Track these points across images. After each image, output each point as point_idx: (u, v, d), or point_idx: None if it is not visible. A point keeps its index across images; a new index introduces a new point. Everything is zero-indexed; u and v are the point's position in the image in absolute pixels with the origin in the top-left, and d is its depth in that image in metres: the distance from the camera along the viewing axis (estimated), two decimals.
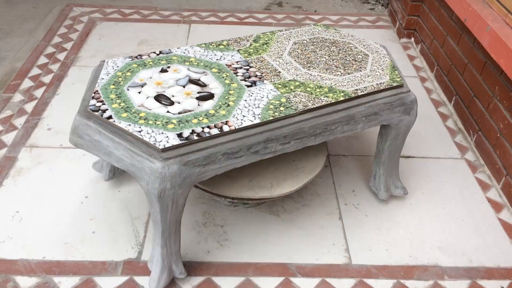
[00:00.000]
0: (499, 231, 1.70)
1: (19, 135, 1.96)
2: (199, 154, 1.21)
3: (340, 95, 1.40)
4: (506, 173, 1.82)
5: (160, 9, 3.05)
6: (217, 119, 1.27)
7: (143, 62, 1.50)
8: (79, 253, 1.52)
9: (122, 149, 1.20)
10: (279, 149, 1.35)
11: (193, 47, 1.60)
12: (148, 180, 1.18)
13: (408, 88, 1.51)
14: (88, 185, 1.76)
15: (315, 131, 1.37)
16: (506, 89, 1.82)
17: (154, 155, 1.17)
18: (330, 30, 1.75)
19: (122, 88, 1.37)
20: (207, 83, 1.42)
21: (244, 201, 1.51)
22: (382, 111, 1.46)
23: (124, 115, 1.26)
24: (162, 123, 1.24)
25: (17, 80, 2.29)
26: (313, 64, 1.54)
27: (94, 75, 1.44)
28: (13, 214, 1.63)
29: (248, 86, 1.41)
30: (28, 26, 2.80)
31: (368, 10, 3.24)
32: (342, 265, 1.54)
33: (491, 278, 1.53)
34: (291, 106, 1.34)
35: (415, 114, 1.54)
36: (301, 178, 1.54)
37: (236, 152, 1.27)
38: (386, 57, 1.61)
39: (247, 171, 1.54)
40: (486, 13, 1.96)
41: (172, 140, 1.19)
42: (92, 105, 1.29)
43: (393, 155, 1.63)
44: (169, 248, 1.34)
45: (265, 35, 1.70)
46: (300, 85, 1.44)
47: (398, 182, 1.73)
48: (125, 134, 1.21)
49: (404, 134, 1.59)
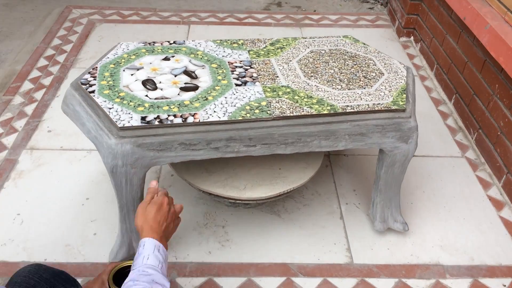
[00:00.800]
0: (501, 229, 1.70)
1: (19, 138, 1.96)
2: (155, 139, 1.25)
3: (325, 109, 1.33)
4: (507, 171, 1.82)
5: (159, 10, 3.05)
6: (187, 109, 1.29)
7: (153, 48, 1.55)
8: (81, 255, 1.52)
9: (92, 122, 1.28)
10: (243, 151, 1.32)
11: (208, 41, 1.63)
12: (103, 154, 1.26)
13: (410, 114, 1.38)
14: (89, 186, 1.76)
15: (286, 139, 1.32)
16: (506, 87, 1.82)
17: (113, 132, 1.23)
18: (358, 44, 1.66)
19: (119, 69, 1.43)
20: (199, 76, 1.43)
21: (216, 197, 1.52)
22: (371, 132, 1.36)
23: (106, 92, 1.33)
24: (134, 105, 1.29)
25: (17, 82, 2.29)
26: (317, 75, 1.48)
27: (105, 54, 1.52)
28: (14, 216, 1.63)
29: (237, 85, 1.40)
30: (27, 29, 2.80)
31: (367, 10, 3.24)
32: (344, 265, 1.54)
33: (492, 276, 1.53)
34: (267, 111, 1.30)
35: (414, 143, 1.41)
36: (278, 187, 1.49)
37: (194, 144, 1.28)
38: (403, 79, 1.49)
39: (228, 169, 1.53)
40: (485, 11, 1.96)
41: (133, 121, 1.23)
42: (84, 79, 1.38)
43: (390, 185, 1.51)
44: (128, 225, 1.39)
45: (285, 40, 1.66)
46: (290, 92, 1.39)
47: (398, 215, 1.59)
48: (97, 109, 1.29)
49: (402, 164, 1.45)
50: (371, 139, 1.38)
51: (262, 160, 1.56)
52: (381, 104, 1.37)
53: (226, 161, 1.54)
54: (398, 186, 1.53)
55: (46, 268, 1.13)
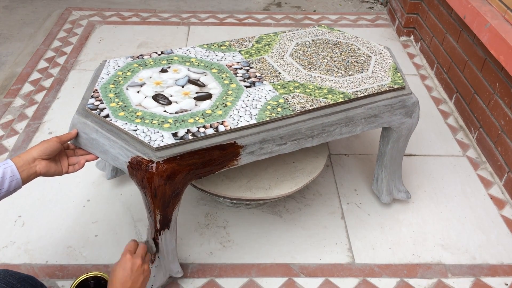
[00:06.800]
0: (502, 228, 1.69)
1: (20, 140, 1.96)
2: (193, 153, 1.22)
3: (339, 97, 1.39)
4: (508, 170, 1.81)
5: (159, 11, 3.05)
6: (213, 119, 1.27)
7: (144, 62, 1.50)
8: (82, 256, 1.52)
9: (117, 148, 1.21)
10: (275, 150, 1.33)
11: (195, 47, 1.60)
12: (140, 179, 1.20)
13: (410, 90, 1.48)
14: (90, 188, 1.76)
15: (312, 132, 1.36)
16: (507, 85, 1.82)
17: (148, 154, 1.18)
18: (334, 32, 1.73)
19: (121, 88, 1.37)
20: (206, 83, 1.41)
21: (243, 201, 1.51)
22: (382, 113, 1.44)
23: (121, 114, 1.26)
24: (158, 122, 1.24)
25: (17, 84, 2.29)
26: (314, 66, 1.52)
27: (95, 74, 1.45)
28: (16, 218, 1.64)
29: (247, 87, 1.40)
30: (27, 31, 2.81)
31: (367, 9, 3.24)
32: (345, 265, 1.54)
33: (495, 275, 1.53)
34: (289, 107, 1.33)
35: (416, 116, 1.51)
36: (300, 180, 1.53)
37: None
38: (389, 59, 1.59)
39: (246, 172, 1.54)
40: (485, 10, 1.96)
41: (167, 139, 1.19)
42: (90, 103, 1.30)
43: (395, 158, 1.61)
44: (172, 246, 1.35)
45: (267, 36, 1.69)
46: (300, 86, 1.42)
47: (401, 185, 1.71)
48: (121, 132, 1.22)
49: (406, 137, 1.56)
50: (383, 119, 1.46)
51: (274, 157, 1.57)
52: (384, 85, 1.45)
53: (241, 165, 1.53)
54: (401, 158, 1.64)
55: (12, 274, 1.11)
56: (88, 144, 1.27)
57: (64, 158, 1.26)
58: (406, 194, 1.72)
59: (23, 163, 1.14)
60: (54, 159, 1.22)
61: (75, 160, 1.27)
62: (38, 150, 1.16)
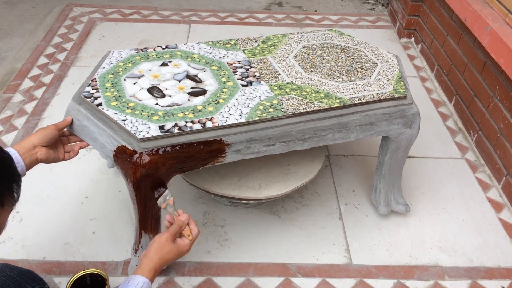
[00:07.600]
0: (500, 231, 1.70)
1: (19, 136, 1.96)
2: (178, 147, 1.23)
3: (335, 102, 1.36)
4: (506, 173, 1.82)
5: (160, 9, 3.05)
6: (203, 114, 1.27)
7: (147, 55, 1.52)
8: (79, 253, 1.52)
9: (105, 136, 1.23)
10: (263, 151, 1.32)
11: (200, 44, 1.61)
12: (124, 168, 1.22)
13: (411, 100, 1.43)
14: (88, 185, 1.76)
15: (303, 135, 1.34)
16: (507, 88, 1.82)
17: (133, 144, 1.19)
18: (344, 36, 1.70)
19: (119, 78, 1.39)
20: (203, 80, 1.42)
21: (231, 199, 1.50)
22: (379, 121, 1.41)
23: (114, 104, 1.28)
24: (148, 114, 1.25)
25: (17, 80, 2.29)
26: (316, 69, 1.50)
27: (98, 64, 1.47)
28: (13, 214, 1.63)
29: (244, 86, 1.40)
30: (28, 26, 2.80)
31: (368, 10, 3.24)
32: (343, 265, 1.54)
33: (491, 278, 1.53)
34: (281, 109, 1.31)
35: (417, 128, 1.47)
36: (291, 183, 1.51)
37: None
38: (395, 67, 1.55)
39: (238, 170, 1.53)
40: (486, 13, 1.96)
41: (153, 131, 1.20)
42: (86, 91, 1.33)
43: (394, 169, 1.56)
44: (148, 238, 1.36)
45: (275, 37, 1.68)
46: (297, 88, 1.41)
47: (400, 197, 1.66)
48: (110, 121, 1.24)
49: (406, 148, 1.51)
50: (379, 127, 1.43)
51: (269, 158, 1.56)
52: (384, 93, 1.42)
53: (235, 163, 1.52)
54: (401, 169, 1.59)
55: (12, 267, 1.12)
56: (79, 131, 1.30)
57: (60, 146, 1.29)
58: (405, 207, 1.67)
59: (25, 151, 1.17)
60: (52, 146, 1.25)
61: (70, 148, 1.31)
62: (38, 137, 1.20)
